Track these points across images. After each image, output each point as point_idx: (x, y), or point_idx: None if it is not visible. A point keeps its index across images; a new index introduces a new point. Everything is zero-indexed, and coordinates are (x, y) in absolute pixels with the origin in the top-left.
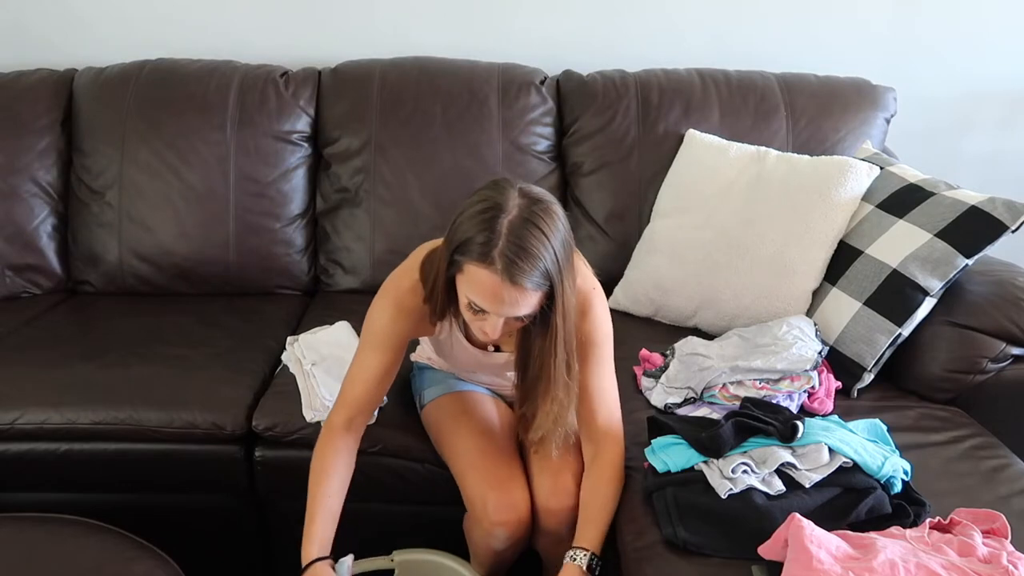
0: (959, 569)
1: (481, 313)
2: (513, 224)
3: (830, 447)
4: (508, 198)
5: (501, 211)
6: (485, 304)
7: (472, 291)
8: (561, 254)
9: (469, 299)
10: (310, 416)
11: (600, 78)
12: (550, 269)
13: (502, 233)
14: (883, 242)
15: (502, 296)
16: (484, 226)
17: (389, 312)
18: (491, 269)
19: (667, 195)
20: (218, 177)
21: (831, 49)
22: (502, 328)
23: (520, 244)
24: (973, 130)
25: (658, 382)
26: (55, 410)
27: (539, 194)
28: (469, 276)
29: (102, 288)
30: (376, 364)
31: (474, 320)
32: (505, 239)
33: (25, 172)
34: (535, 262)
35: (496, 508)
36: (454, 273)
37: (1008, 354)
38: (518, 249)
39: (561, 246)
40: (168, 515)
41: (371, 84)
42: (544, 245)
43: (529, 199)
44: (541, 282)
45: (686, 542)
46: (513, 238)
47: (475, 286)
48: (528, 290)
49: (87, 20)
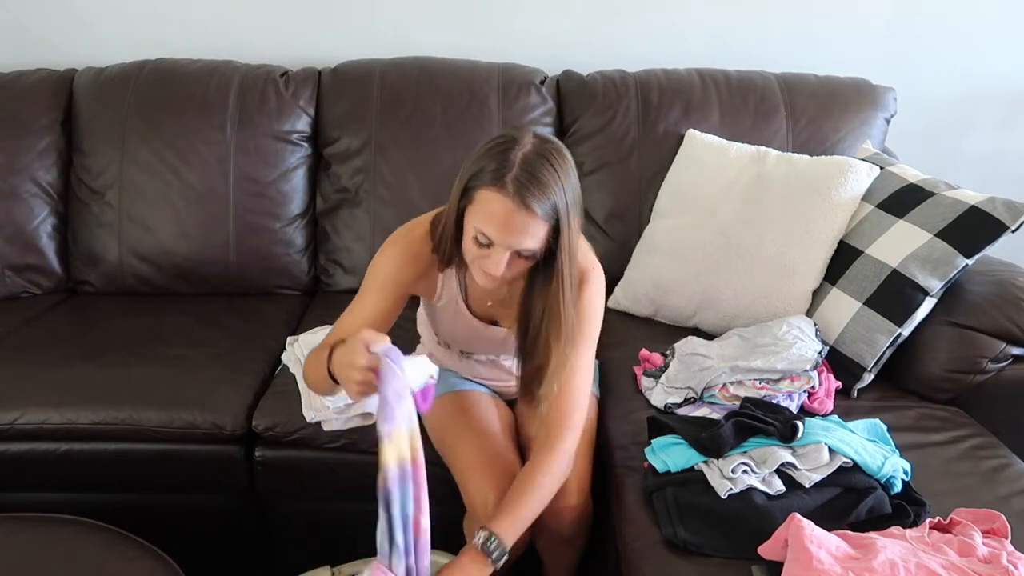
0: (959, 569)
1: (486, 249)
2: (527, 156)
3: (830, 447)
4: (523, 136)
5: (515, 144)
6: (494, 231)
7: (482, 219)
8: (570, 193)
9: (477, 230)
10: (310, 416)
11: (600, 78)
12: (558, 203)
13: (515, 162)
14: (883, 242)
15: (512, 222)
16: (499, 156)
17: (396, 257)
18: (503, 193)
19: (667, 195)
20: (218, 177)
21: (831, 49)
22: (505, 267)
23: (532, 173)
24: (973, 130)
25: (658, 382)
26: (55, 410)
27: (552, 138)
28: (480, 203)
29: (102, 288)
30: (373, 308)
31: (479, 259)
32: (518, 167)
33: (25, 172)
34: (546, 191)
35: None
36: (465, 205)
37: (1008, 354)
38: (530, 176)
39: (571, 187)
40: (168, 515)
41: (371, 84)
42: (555, 178)
43: (542, 139)
44: (550, 213)
45: (686, 542)
46: (526, 167)
47: (485, 213)
48: (537, 217)
49: (87, 20)
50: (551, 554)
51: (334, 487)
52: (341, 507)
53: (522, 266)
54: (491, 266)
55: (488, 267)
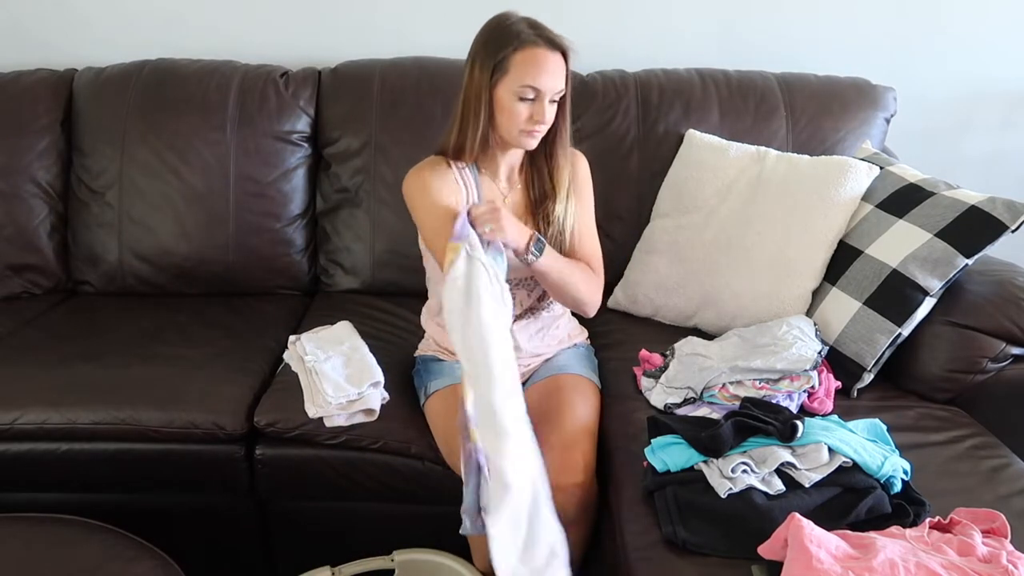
0: (959, 569)
1: (528, 103)
2: (527, 20)
3: (830, 447)
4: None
5: (509, 18)
6: (539, 79)
7: (528, 74)
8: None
9: (523, 88)
10: (312, 412)
11: (600, 78)
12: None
13: (523, 26)
14: (883, 242)
15: (552, 65)
16: (510, 30)
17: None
18: (538, 46)
19: (667, 195)
20: (218, 177)
21: (831, 49)
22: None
23: (542, 28)
24: (973, 130)
25: (658, 382)
26: (55, 410)
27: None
28: (520, 64)
29: (102, 288)
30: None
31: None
32: (531, 28)
33: (25, 172)
34: (559, 35)
35: None
36: (498, 79)
37: (1008, 354)
38: (544, 29)
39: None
40: (168, 515)
41: (371, 84)
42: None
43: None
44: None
45: (686, 541)
46: (535, 26)
47: (529, 67)
48: (564, 58)
49: (87, 20)
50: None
51: (335, 486)
52: (342, 507)
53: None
54: (541, 114)
55: (539, 116)
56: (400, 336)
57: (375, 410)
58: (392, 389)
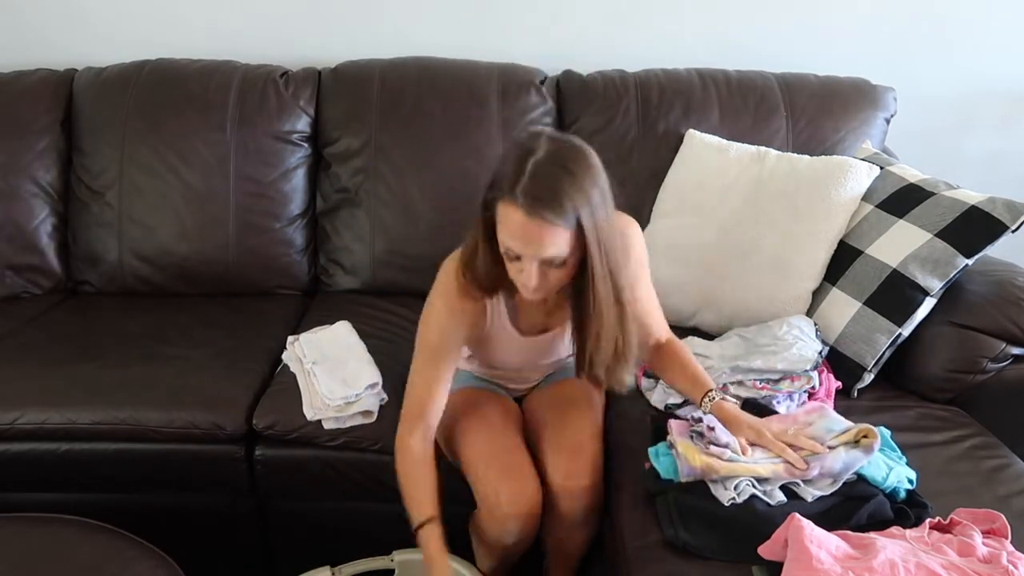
0: (959, 569)
1: (517, 261)
2: (538, 163)
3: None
4: (537, 141)
5: (530, 152)
6: (515, 243)
7: (503, 231)
8: (591, 193)
9: (503, 244)
10: (311, 415)
11: (600, 78)
12: (576, 204)
13: (528, 172)
14: (883, 242)
15: (528, 233)
16: (513, 166)
17: (443, 317)
18: (516, 205)
19: (667, 195)
20: (218, 177)
21: (831, 49)
22: (541, 277)
23: (543, 181)
24: (973, 130)
25: (658, 382)
26: (55, 410)
27: (569, 138)
28: (500, 217)
29: (102, 288)
30: (434, 373)
31: (515, 274)
32: (529, 177)
33: (25, 172)
34: (558, 197)
35: (509, 499)
36: (491, 219)
37: (1008, 354)
38: (541, 185)
39: (592, 185)
40: (168, 515)
41: (371, 84)
42: (569, 182)
43: (558, 141)
44: (566, 217)
45: (687, 544)
46: (537, 175)
47: (505, 225)
48: (552, 225)
49: (87, 20)
50: (558, 541)
51: (334, 486)
52: (341, 507)
53: (560, 275)
54: (525, 278)
55: (525, 280)
56: (400, 336)
57: (373, 412)
58: (391, 390)
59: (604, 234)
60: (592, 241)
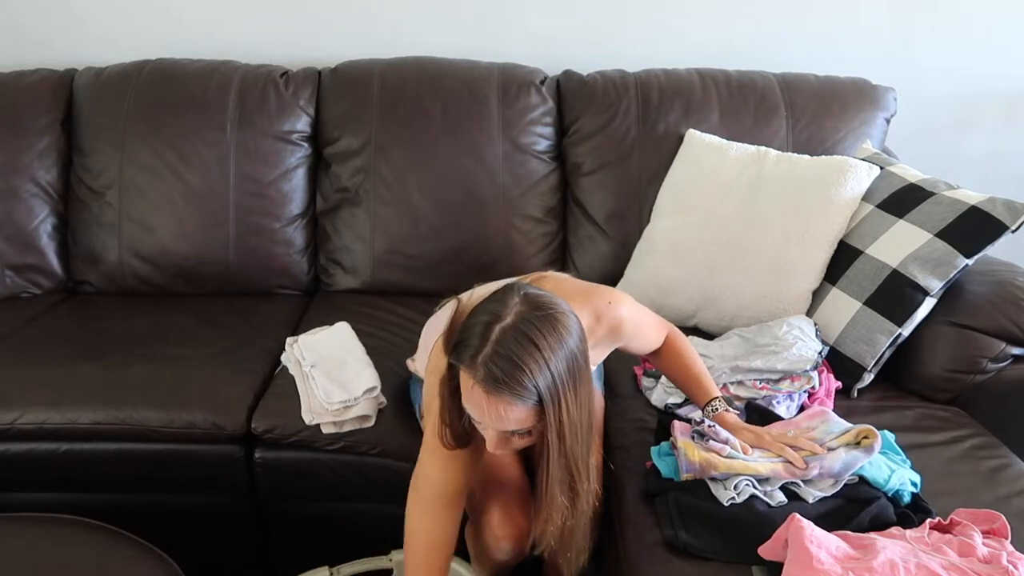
0: (959, 569)
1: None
2: (504, 331)
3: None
4: (508, 304)
5: (497, 319)
6: (475, 414)
7: (465, 398)
8: (558, 366)
9: (467, 408)
10: (309, 419)
11: (600, 78)
12: (538, 383)
13: (492, 339)
14: (883, 242)
15: (487, 408)
16: (479, 331)
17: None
18: (475, 377)
19: (667, 195)
20: (218, 177)
21: (831, 49)
22: (502, 442)
23: (503, 354)
24: (973, 130)
25: (658, 382)
26: (55, 410)
27: (544, 302)
28: (462, 383)
29: (102, 288)
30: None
31: (481, 429)
32: (492, 347)
33: (25, 172)
34: (517, 374)
35: (500, 523)
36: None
37: (1008, 354)
38: (500, 358)
39: (562, 358)
40: (168, 515)
41: (371, 84)
42: (532, 356)
43: (530, 306)
44: (526, 395)
45: (687, 544)
46: (498, 346)
47: (466, 393)
48: (510, 403)
49: (87, 20)
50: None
51: (333, 488)
52: (340, 508)
53: (525, 440)
54: (490, 444)
55: (489, 445)
56: (400, 336)
57: (371, 416)
58: (390, 392)
59: (568, 414)
60: (552, 423)
